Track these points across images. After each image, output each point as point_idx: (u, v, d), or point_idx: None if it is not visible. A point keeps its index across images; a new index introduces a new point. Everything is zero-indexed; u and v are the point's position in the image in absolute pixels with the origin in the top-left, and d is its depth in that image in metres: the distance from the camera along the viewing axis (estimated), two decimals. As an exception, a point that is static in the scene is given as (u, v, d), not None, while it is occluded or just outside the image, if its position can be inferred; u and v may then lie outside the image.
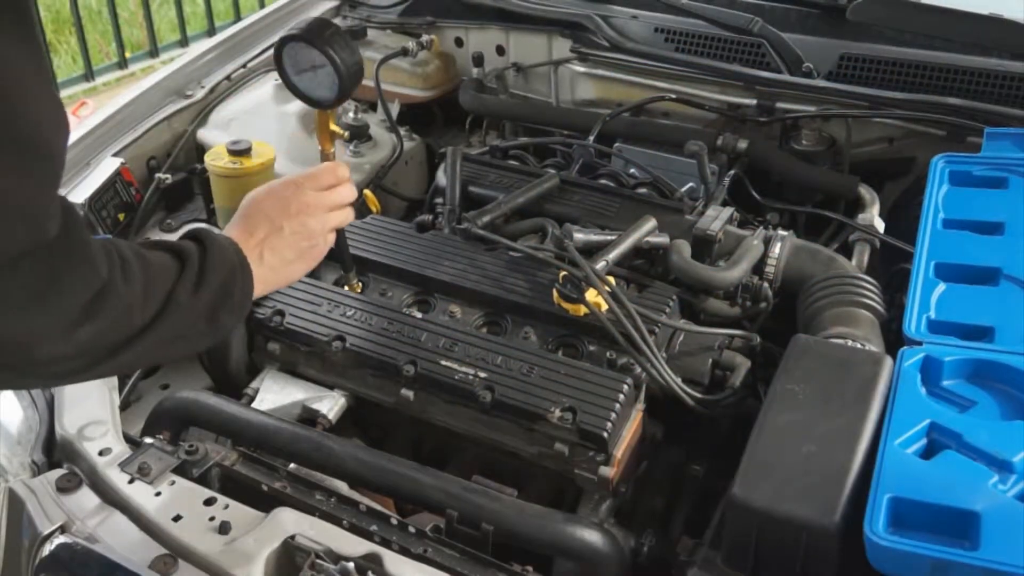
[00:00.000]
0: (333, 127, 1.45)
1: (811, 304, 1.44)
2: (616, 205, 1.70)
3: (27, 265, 0.87)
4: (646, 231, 1.53)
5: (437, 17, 2.35)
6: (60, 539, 1.22)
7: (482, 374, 1.37)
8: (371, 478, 1.31)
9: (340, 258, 1.56)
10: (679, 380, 1.36)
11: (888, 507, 1.00)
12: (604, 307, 1.37)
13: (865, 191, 1.79)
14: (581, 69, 2.18)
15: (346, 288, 1.56)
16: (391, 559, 1.15)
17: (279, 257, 1.23)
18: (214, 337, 1.14)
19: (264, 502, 1.25)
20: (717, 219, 1.59)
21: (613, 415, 1.29)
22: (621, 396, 1.31)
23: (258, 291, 1.19)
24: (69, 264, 0.92)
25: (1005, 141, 1.65)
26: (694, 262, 1.51)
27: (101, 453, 1.31)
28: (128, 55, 5.52)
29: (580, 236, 1.50)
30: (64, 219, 0.90)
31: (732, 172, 1.83)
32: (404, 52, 2.20)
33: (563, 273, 1.40)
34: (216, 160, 1.84)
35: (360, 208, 1.75)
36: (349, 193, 1.33)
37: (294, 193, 1.27)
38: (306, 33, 1.32)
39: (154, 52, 5.61)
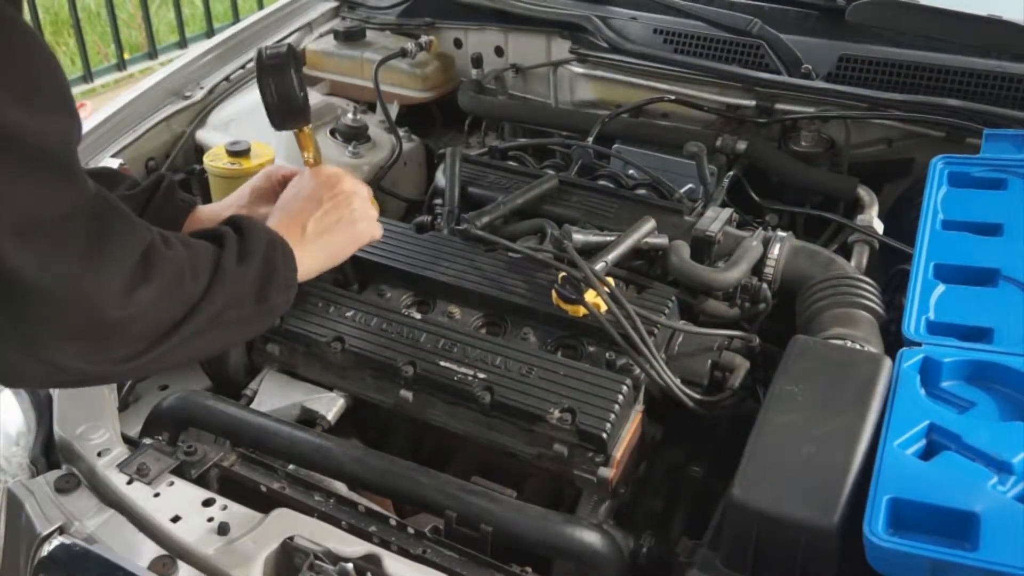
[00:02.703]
0: (308, 145, 1.43)
1: (810, 305, 1.44)
2: (615, 206, 1.69)
3: (75, 223, 0.90)
4: (645, 232, 1.53)
5: (436, 18, 2.35)
6: (59, 540, 1.22)
7: (481, 375, 1.37)
8: (370, 479, 1.31)
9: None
10: (678, 381, 1.36)
11: (887, 508, 1.00)
12: (603, 308, 1.37)
13: (864, 192, 1.79)
14: (580, 70, 2.18)
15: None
16: (390, 560, 1.15)
17: (322, 226, 1.30)
18: (264, 321, 1.18)
19: (263, 503, 1.25)
20: (716, 220, 1.59)
21: (612, 416, 1.29)
22: (620, 397, 1.31)
23: (308, 265, 1.26)
24: (112, 221, 0.95)
25: (1004, 142, 1.65)
26: (693, 263, 1.51)
27: (100, 454, 1.31)
28: (127, 56, 5.53)
29: (579, 237, 1.50)
30: (95, 182, 0.94)
31: (731, 173, 1.83)
32: (403, 53, 2.20)
33: (562, 274, 1.40)
34: (215, 161, 1.84)
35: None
36: None
37: (324, 176, 1.36)
38: (257, 58, 1.33)
39: (153, 54, 5.62)
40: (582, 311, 1.38)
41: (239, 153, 1.84)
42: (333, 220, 1.31)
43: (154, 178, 1.41)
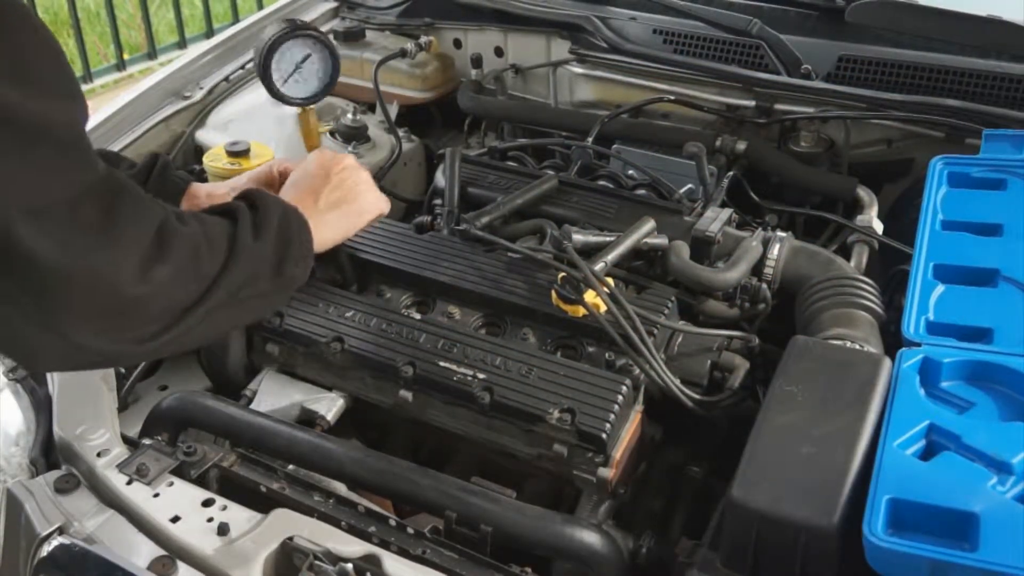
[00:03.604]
0: (315, 125, 1.48)
1: (810, 305, 1.44)
2: (615, 206, 1.69)
3: (88, 203, 0.90)
4: (645, 232, 1.53)
5: (436, 19, 2.35)
6: (58, 540, 1.22)
7: (481, 375, 1.37)
8: (370, 479, 1.31)
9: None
10: (678, 381, 1.36)
11: (887, 508, 1.00)
12: (603, 308, 1.37)
13: (864, 192, 1.79)
14: (580, 70, 2.18)
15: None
16: (390, 560, 1.15)
17: (333, 197, 1.33)
18: (282, 294, 1.19)
19: (262, 503, 1.25)
20: (716, 220, 1.58)
21: (612, 416, 1.29)
22: (620, 397, 1.31)
23: (324, 236, 1.28)
24: (125, 199, 0.95)
25: (1004, 143, 1.65)
26: (693, 263, 1.51)
27: (99, 454, 1.31)
28: (126, 57, 5.53)
29: (579, 237, 1.50)
30: (105, 161, 0.95)
31: (731, 173, 1.83)
32: (403, 53, 2.20)
33: (562, 274, 1.40)
34: (215, 161, 1.84)
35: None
36: None
37: (328, 155, 1.38)
38: (290, 28, 1.37)
39: (152, 54, 5.62)
40: (582, 311, 1.38)
41: (239, 153, 1.84)
42: (344, 192, 1.34)
43: (149, 158, 1.42)
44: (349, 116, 2.06)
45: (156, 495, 1.25)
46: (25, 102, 0.83)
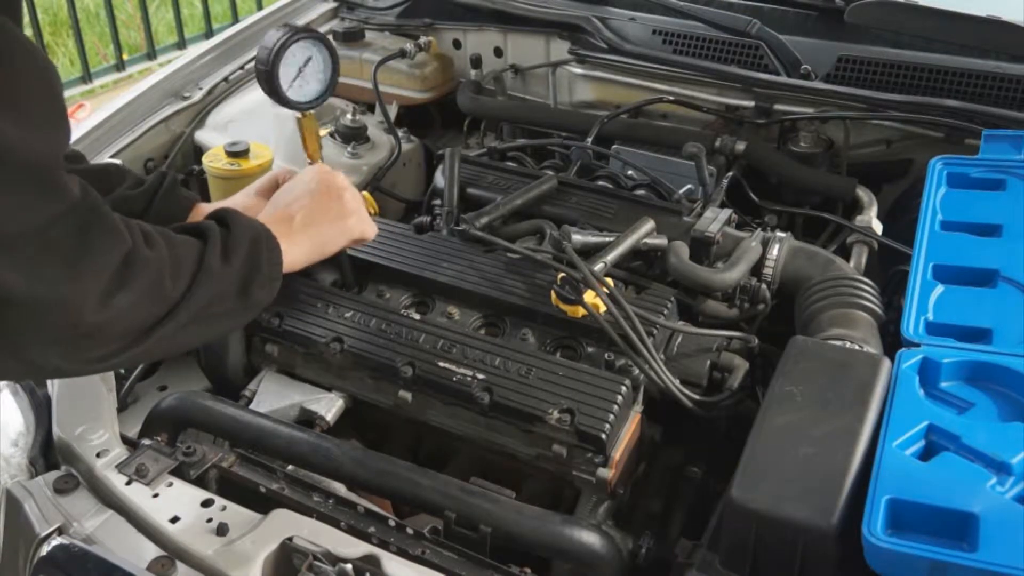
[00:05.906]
0: (316, 130, 1.48)
1: (809, 306, 1.44)
2: (614, 207, 1.69)
3: (58, 232, 0.91)
4: (644, 233, 1.53)
5: (435, 19, 2.35)
6: (57, 540, 1.22)
7: (480, 375, 1.36)
8: (369, 480, 1.31)
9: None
10: (677, 382, 1.36)
11: (886, 509, 1.00)
12: (602, 309, 1.37)
13: (863, 193, 1.79)
14: (579, 71, 2.18)
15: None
16: (389, 561, 1.15)
17: (311, 218, 1.30)
18: (247, 314, 1.18)
19: (262, 504, 1.25)
20: (715, 221, 1.58)
21: (611, 416, 1.29)
22: (619, 398, 1.31)
23: (295, 256, 1.26)
24: (95, 228, 0.95)
25: (1003, 143, 1.65)
26: (692, 264, 1.51)
27: (99, 455, 1.31)
28: (126, 57, 5.53)
29: (578, 238, 1.50)
30: (82, 186, 0.95)
31: (730, 174, 1.83)
32: (402, 54, 2.20)
33: (561, 275, 1.40)
34: (214, 162, 1.84)
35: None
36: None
37: (318, 171, 1.36)
38: (294, 31, 1.38)
39: (152, 54, 5.63)
40: (581, 312, 1.38)
41: (238, 154, 1.84)
42: (322, 212, 1.32)
43: (156, 176, 1.41)
44: (348, 116, 2.06)
45: (155, 495, 1.25)
46: (11, 135, 0.83)
